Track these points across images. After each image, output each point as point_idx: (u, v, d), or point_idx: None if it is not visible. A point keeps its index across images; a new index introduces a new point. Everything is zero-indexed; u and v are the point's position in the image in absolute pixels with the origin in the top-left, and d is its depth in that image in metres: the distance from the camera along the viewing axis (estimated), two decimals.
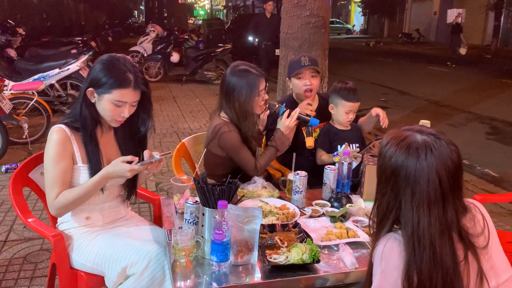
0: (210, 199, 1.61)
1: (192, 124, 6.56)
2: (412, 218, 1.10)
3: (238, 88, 2.24)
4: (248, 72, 2.27)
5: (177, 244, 1.54)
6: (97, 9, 23.29)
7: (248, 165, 2.30)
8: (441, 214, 1.09)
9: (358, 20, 39.31)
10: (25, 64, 6.65)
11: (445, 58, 16.10)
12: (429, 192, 1.09)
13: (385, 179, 1.16)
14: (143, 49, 11.22)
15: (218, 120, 2.32)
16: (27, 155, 4.89)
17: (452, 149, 1.10)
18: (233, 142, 2.27)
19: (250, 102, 2.26)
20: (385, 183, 1.16)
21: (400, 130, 1.17)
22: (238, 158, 2.31)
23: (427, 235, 1.08)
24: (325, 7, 4.36)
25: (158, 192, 4.01)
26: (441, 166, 1.08)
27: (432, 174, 1.08)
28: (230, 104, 2.28)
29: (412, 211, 1.11)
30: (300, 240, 1.68)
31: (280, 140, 2.30)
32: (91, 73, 1.80)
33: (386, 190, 1.16)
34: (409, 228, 1.11)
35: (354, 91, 2.53)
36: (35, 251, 2.95)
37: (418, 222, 1.10)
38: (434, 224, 1.08)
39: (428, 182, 1.08)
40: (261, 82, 2.28)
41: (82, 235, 1.88)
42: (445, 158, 1.09)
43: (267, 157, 2.33)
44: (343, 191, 2.11)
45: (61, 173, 1.77)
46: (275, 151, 2.33)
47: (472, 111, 8.02)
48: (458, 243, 1.11)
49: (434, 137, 1.12)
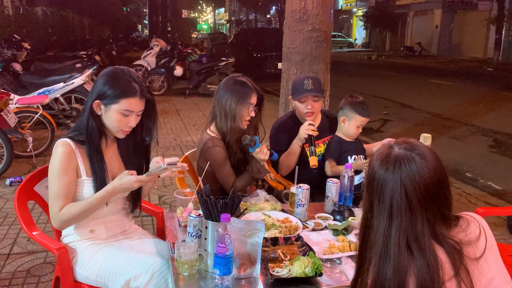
0: (213, 212, 1.62)
1: (195, 137, 6.59)
2: (375, 225, 1.16)
3: (230, 93, 2.31)
4: (243, 83, 2.34)
5: (180, 257, 1.56)
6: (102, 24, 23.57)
7: (227, 185, 2.33)
8: (405, 225, 1.12)
9: (360, 34, 39.59)
10: (30, 78, 6.73)
11: (447, 71, 16.16)
12: (391, 202, 1.13)
13: (366, 189, 1.22)
14: (147, 63, 11.33)
15: (205, 136, 2.37)
16: (32, 168, 4.92)
17: (423, 165, 1.13)
18: (216, 157, 2.30)
19: (238, 109, 2.29)
20: (365, 192, 1.22)
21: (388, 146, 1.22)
22: (219, 174, 2.34)
23: (383, 244, 1.13)
24: (327, 22, 4.41)
25: (161, 205, 4.02)
26: (406, 179, 1.12)
27: (396, 185, 1.13)
28: (221, 108, 2.32)
29: (378, 218, 1.16)
30: (303, 253, 1.68)
31: (257, 168, 2.27)
32: (97, 85, 1.83)
33: (366, 196, 1.22)
34: (372, 234, 1.17)
35: (367, 107, 2.58)
36: (39, 264, 2.95)
37: (377, 231, 1.15)
38: (395, 234, 1.12)
39: (392, 193, 1.13)
40: (253, 96, 2.33)
41: (86, 248, 1.90)
42: (413, 172, 1.12)
43: (243, 181, 2.32)
44: (345, 204, 2.12)
45: (65, 186, 1.79)
46: (252, 178, 2.32)
47: (474, 124, 8.03)
48: (443, 256, 1.12)
49: (408, 152, 1.15)
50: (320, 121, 2.74)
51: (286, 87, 4.66)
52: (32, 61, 7.96)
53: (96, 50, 12.01)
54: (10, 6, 11.58)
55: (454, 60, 23.90)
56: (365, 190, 1.23)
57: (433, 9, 28.42)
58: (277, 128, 2.74)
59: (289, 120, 2.73)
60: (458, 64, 21.60)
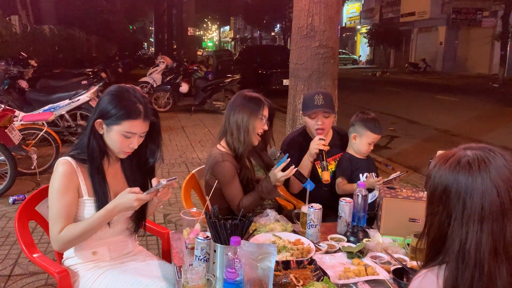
0: (222, 235, 1.54)
1: (201, 154, 6.53)
2: (460, 235, 1.02)
3: (241, 106, 2.26)
4: (254, 96, 2.31)
5: (187, 282, 1.46)
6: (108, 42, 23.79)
7: (233, 202, 2.26)
8: (497, 231, 1.00)
9: (364, 51, 39.80)
10: (36, 95, 6.72)
11: (453, 87, 16.11)
12: (483, 206, 1.00)
13: (436, 199, 1.08)
14: (153, 80, 11.36)
15: (215, 150, 2.31)
16: (35, 186, 4.86)
17: (508, 160, 1.03)
18: (224, 172, 2.23)
19: (250, 121, 2.23)
20: (437, 203, 1.08)
21: (447, 151, 1.11)
22: (226, 190, 2.26)
23: (473, 252, 0.99)
24: (335, 38, 4.37)
25: (166, 224, 3.93)
26: (498, 177, 1.01)
27: (488, 186, 1.00)
28: (232, 122, 2.26)
29: (461, 227, 1.02)
30: (317, 278, 1.59)
31: (267, 189, 2.19)
32: (100, 104, 1.77)
33: (438, 209, 1.07)
34: (456, 245, 1.02)
35: (379, 123, 2.50)
36: (40, 286, 2.86)
37: (466, 238, 1.01)
38: (486, 241, 0.99)
39: (483, 194, 1.00)
40: (265, 108, 2.29)
41: (89, 272, 1.81)
42: (502, 169, 1.01)
43: (251, 201, 2.24)
44: (359, 224, 2.03)
45: (65, 206, 1.71)
46: (260, 198, 2.24)
47: (483, 140, 7.92)
48: None
49: (486, 150, 1.05)
50: (331, 138, 2.67)
51: (293, 103, 4.60)
52: (39, 78, 7.98)
53: (102, 67, 12.06)
54: (17, 24, 11.70)
55: (459, 76, 23.88)
56: (434, 203, 1.09)
57: (437, 26, 28.55)
58: (288, 145, 2.67)
59: (300, 136, 2.66)
60: (463, 80, 21.56)
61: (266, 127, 2.31)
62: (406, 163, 6.23)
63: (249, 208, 2.25)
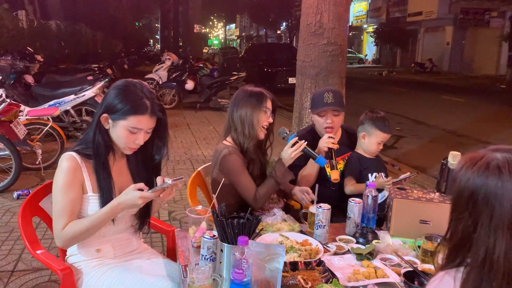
0: (229, 234, 1.50)
1: (206, 151, 6.50)
2: (488, 243, 0.97)
3: (244, 101, 2.24)
4: (256, 90, 2.29)
5: (193, 282, 1.43)
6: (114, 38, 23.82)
7: (248, 193, 2.19)
8: None
9: (371, 50, 39.59)
10: (41, 90, 6.71)
11: (459, 88, 15.99)
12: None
13: (462, 204, 1.03)
14: (158, 76, 11.35)
15: (221, 145, 2.28)
16: (40, 181, 4.84)
17: None
18: (233, 165, 2.19)
19: (255, 114, 2.21)
20: (462, 208, 1.03)
21: (474, 153, 1.06)
22: (238, 184, 2.21)
23: (502, 261, 0.94)
24: (343, 36, 4.32)
25: (171, 221, 3.90)
26: None
27: None
28: (236, 118, 2.24)
29: (488, 235, 0.97)
30: (325, 280, 1.55)
31: (280, 171, 2.15)
32: (106, 98, 1.73)
33: (463, 215, 1.02)
34: (481, 253, 0.97)
35: (389, 122, 2.46)
36: (43, 282, 2.84)
37: (494, 247, 0.96)
38: None
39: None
40: (268, 101, 2.27)
41: (93, 269, 1.78)
42: None
43: (266, 188, 2.18)
44: (368, 225, 1.99)
45: (69, 202, 1.68)
46: (275, 183, 2.17)
47: (490, 141, 7.83)
48: None
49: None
50: (340, 137, 2.62)
51: (300, 102, 4.56)
52: (44, 74, 7.98)
53: (108, 63, 12.06)
54: (24, 20, 11.72)
55: (466, 76, 23.71)
56: (459, 208, 1.04)
57: (444, 26, 28.34)
58: None
59: (308, 134, 2.61)
60: (470, 80, 21.40)
61: (271, 120, 2.28)
62: (412, 163, 6.17)
63: (266, 197, 2.20)
